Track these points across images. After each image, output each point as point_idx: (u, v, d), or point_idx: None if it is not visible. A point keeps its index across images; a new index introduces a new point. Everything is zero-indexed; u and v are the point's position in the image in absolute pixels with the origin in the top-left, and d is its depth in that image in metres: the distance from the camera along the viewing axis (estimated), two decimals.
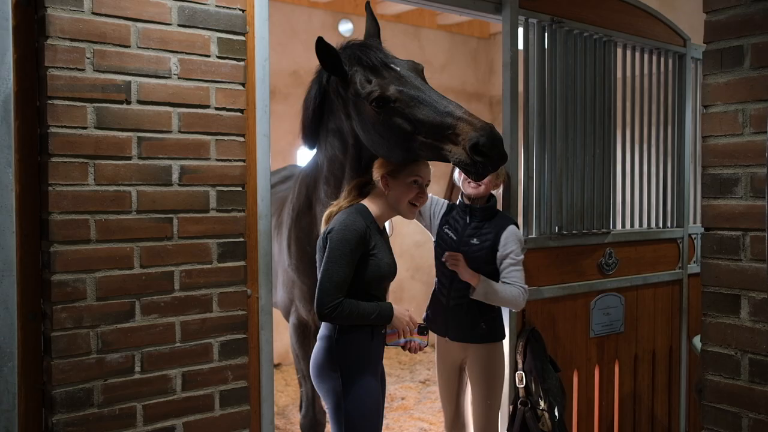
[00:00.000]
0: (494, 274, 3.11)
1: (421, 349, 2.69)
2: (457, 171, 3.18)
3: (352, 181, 2.76)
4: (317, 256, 2.64)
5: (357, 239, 2.51)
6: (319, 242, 2.62)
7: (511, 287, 3.05)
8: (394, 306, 2.62)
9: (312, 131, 2.94)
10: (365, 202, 2.67)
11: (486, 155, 2.45)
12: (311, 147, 3.05)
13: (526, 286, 3.10)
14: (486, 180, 3.04)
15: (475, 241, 3.12)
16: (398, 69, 2.64)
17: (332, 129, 2.85)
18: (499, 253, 3.10)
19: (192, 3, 2.41)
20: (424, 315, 2.98)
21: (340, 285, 2.49)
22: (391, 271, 2.66)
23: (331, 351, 2.60)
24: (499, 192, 3.28)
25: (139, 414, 2.33)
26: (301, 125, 3.00)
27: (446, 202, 3.38)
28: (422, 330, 2.69)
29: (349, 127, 2.75)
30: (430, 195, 3.13)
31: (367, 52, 2.68)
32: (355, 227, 2.53)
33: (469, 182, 3.11)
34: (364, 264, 2.55)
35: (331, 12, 6.81)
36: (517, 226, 3.19)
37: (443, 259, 3.10)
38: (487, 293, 3.01)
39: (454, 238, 3.17)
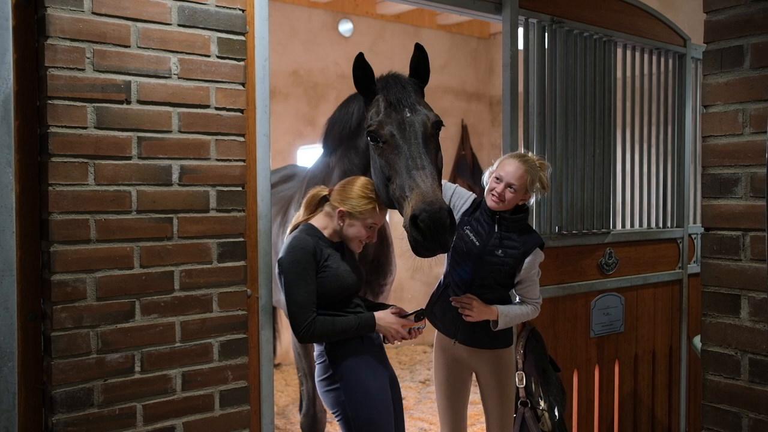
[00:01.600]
0: (510, 286, 3.00)
1: (420, 332, 2.71)
2: (487, 173, 2.98)
3: (312, 192, 2.75)
4: (279, 283, 2.65)
5: (306, 257, 2.54)
6: (276, 271, 2.64)
7: (527, 307, 2.99)
8: (377, 315, 2.64)
9: (340, 138, 2.92)
10: (315, 221, 2.69)
11: (423, 232, 2.36)
12: (329, 152, 3.04)
13: (540, 299, 3.04)
14: (509, 196, 2.85)
15: (499, 252, 2.90)
16: (408, 115, 2.62)
17: (355, 145, 2.84)
18: (521, 275, 2.94)
19: (192, 3, 2.41)
20: (420, 309, 2.83)
21: (305, 304, 2.52)
22: (352, 279, 2.65)
23: (328, 365, 2.65)
24: (531, 202, 3.02)
25: (139, 414, 2.33)
26: (332, 126, 2.97)
27: (472, 196, 3.07)
28: (419, 316, 2.70)
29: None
30: (455, 185, 3.10)
31: (393, 86, 2.68)
32: (301, 246, 2.56)
33: (492, 195, 2.89)
34: (320, 277, 2.57)
35: (331, 12, 6.81)
36: (543, 247, 2.99)
37: (452, 303, 2.92)
38: (507, 322, 2.93)
39: (477, 243, 2.92)
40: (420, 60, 2.79)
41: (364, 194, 2.63)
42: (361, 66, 2.67)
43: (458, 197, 3.08)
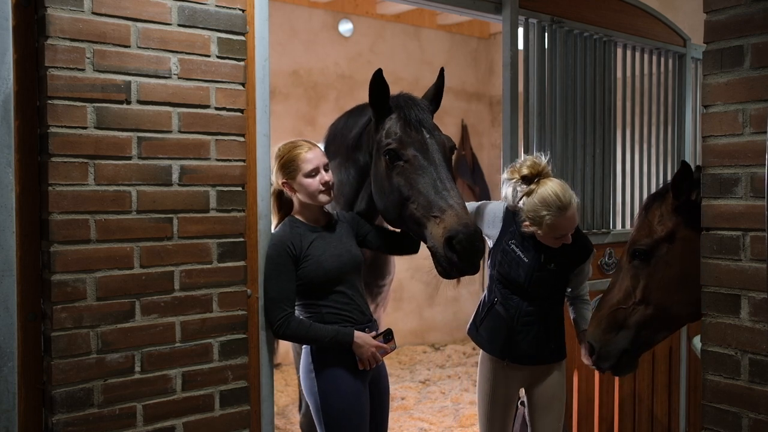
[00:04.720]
0: (563, 291, 2.99)
1: (388, 353, 2.69)
2: (526, 219, 2.78)
3: (274, 192, 2.72)
4: None
5: (279, 251, 2.57)
6: None
7: (585, 308, 3.06)
8: (356, 333, 2.61)
9: (341, 147, 2.90)
10: (294, 212, 2.70)
11: (458, 253, 2.36)
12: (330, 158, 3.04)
13: (587, 288, 3.10)
14: (570, 238, 2.77)
15: (551, 266, 2.83)
16: (427, 136, 2.61)
17: (354, 159, 2.83)
18: (576, 281, 2.97)
19: (192, 3, 2.41)
20: (387, 329, 2.71)
21: (278, 300, 2.55)
22: (334, 264, 2.62)
23: (308, 352, 2.68)
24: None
25: (139, 414, 2.33)
26: (334, 135, 2.96)
27: (505, 205, 2.91)
28: (387, 337, 2.69)
29: (368, 168, 2.77)
30: (485, 203, 3.06)
31: (411, 106, 2.67)
32: (274, 242, 2.59)
33: (554, 243, 2.76)
34: (303, 267, 2.58)
35: (331, 12, 6.81)
36: (594, 251, 2.98)
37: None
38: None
39: (525, 260, 2.82)
40: (441, 85, 2.82)
41: (279, 155, 2.65)
42: (378, 82, 2.65)
43: (487, 211, 2.97)
